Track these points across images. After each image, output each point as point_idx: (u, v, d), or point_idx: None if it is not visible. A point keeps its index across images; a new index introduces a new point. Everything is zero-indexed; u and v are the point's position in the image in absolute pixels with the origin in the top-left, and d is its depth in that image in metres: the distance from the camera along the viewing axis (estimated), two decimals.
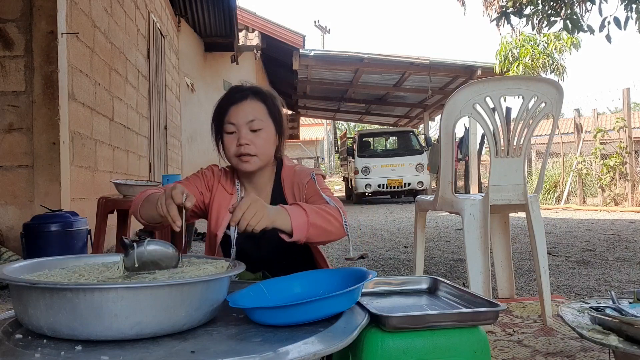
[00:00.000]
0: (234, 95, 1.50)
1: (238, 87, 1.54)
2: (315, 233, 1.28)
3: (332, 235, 1.34)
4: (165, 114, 7.19)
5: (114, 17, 4.94)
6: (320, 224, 1.29)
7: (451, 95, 2.22)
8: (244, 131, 1.46)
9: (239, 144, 1.46)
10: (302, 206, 1.29)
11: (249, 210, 1.14)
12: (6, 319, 0.98)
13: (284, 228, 1.24)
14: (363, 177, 12.82)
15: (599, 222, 6.86)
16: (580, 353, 1.82)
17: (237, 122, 1.46)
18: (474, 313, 1.04)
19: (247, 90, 1.51)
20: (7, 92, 3.51)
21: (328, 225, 1.31)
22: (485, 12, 6.38)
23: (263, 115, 1.49)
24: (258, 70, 12.71)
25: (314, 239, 1.30)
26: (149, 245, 1.03)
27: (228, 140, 1.48)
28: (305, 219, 1.25)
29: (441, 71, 12.64)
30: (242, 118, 1.46)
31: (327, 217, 1.31)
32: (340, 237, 1.37)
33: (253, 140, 1.46)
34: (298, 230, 1.25)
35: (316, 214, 1.29)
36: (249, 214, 1.14)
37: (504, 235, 2.72)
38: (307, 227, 1.26)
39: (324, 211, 1.31)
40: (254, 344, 0.85)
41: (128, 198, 3.33)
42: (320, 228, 1.29)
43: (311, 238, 1.29)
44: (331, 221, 1.32)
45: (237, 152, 1.47)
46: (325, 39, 35.96)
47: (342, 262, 4.06)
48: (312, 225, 1.27)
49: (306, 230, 1.26)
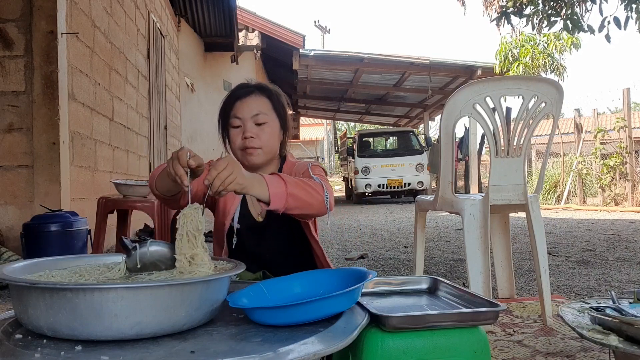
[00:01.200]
0: (240, 90, 1.56)
1: (244, 84, 1.59)
2: (295, 204, 1.28)
3: (313, 209, 1.33)
4: (165, 114, 7.19)
5: (114, 17, 4.94)
6: (299, 195, 1.28)
7: (451, 95, 2.22)
8: (249, 125, 1.50)
9: (244, 137, 1.50)
10: (282, 177, 1.28)
11: (225, 170, 1.13)
12: (6, 319, 0.98)
13: (262, 196, 1.23)
14: (363, 177, 12.82)
15: (599, 222, 6.86)
16: (580, 353, 1.82)
17: (242, 116, 1.51)
18: (474, 313, 1.04)
19: (253, 87, 1.57)
20: (7, 92, 3.51)
21: (308, 197, 1.30)
22: (486, 12, 6.39)
23: (268, 109, 1.54)
24: (258, 70, 12.71)
25: (293, 210, 1.29)
26: (151, 246, 1.03)
27: (234, 133, 1.53)
28: (284, 189, 1.25)
29: (441, 71, 12.64)
30: (248, 112, 1.51)
31: (308, 190, 1.31)
32: (321, 211, 1.36)
33: (258, 134, 1.50)
34: (276, 198, 1.24)
35: (296, 185, 1.29)
36: (224, 174, 1.13)
37: (504, 235, 2.72)
38: (286, 197, 1.25)
39: (304, 183, 1.31)
40: (254, 344, 0.85)
41: (128, 198, 3.33)
42: (299, 199, 1.28)
43: (290, 209, 1.28)
44: (312, 194, 1.31)
45: (242, 145, 1.51)
46: (325, 39, 35.97)
47: (342, 262, 4.06)
48: (291, 195, 1.26)
49: (285, 199, 1.25)
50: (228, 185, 1.14)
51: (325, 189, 1.35)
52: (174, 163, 1.17)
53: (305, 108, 19.74)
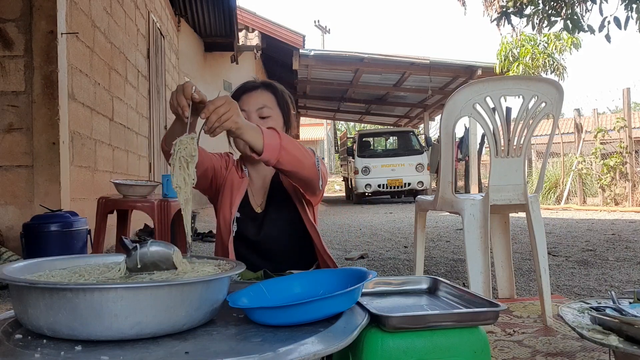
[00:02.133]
0: (247, 85, 1.63)
1: (251, 80, 1.66)
2: (287, 159, 1.29)
3: (305, 169, 1.36)
4: (165, 114, 7.19)
5: (114, 17, 4.94)
6: (293, 151, 1.30)
7: (451, 95, 2.22)
8: (254, 117, 1.55)
9: None
10: (277, 130, 1.30)
11: (222, 106, 1.14)
12: (6, 319, 0.98)
13: (255, 143, 1.24)
14: (363, 177, 12.82)
15: (599, 222, 6.86)
16: (581, 353, 1.82)
17: (247, 109, 1.56)
18: (474, 313, 1.04)
19: (259, 83, 1.64)
20: (7, 92, 3.51)
21: (301, 156, 1.33)
22: (486, 12, 6.38)
23: (272, 104, 1.60)
24: (258, 70, 12.71)
25: (285, 165, 1.30)
26: (152, 246, 1.03)
27: None
28: (278, 141, 1.27)
29: (441, 71, 12.64)
30: (253, 105, 1.57)
31: (301, 150, 1.34)
32: (312, 174, 1.39)
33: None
34: (269, 149, 1.25)
35: (290, 141, 1.31)
36: (221, 110, 1.14)
37: (504, 235, 2.72)
38: (279, 150, 1.26)
39: (298, 144, 1.35)
40: (254, 344, 0.85)
41: (128, 198, 3.33)
42: (292, 155, 1.30)
43: (282, 163, 1.29)
44: (304, 154, 1.35)
45: None
46: (325, 39, 35.96)
47: (342, 262, 4.06)
48: (284, 149, 1.27)
49: (278, 152, 1.26)
50: (224, 122, 1.15)
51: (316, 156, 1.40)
52: (177, 94, 1.18)
53: (305, 108, 19.74)
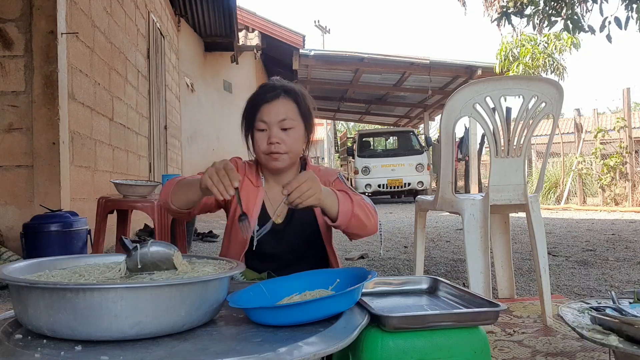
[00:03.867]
0: (267, 94, 1.50)
1: (270, 86, 1.53)
2: (356, 224, 1.32)
3: (367, 230, 1.38)
4: (165, 114, 7.19)
5: (114, 17, 4.94)
6: (361, 216, 1.33)
7: (451, 95, 2.22)
8: (275, 130, 1.47)
9: (269, 142, 1.47)
10: (350, 195, 1.33)
11: (305, 183, 1.17)
12: (6, 319, 0.98)
13: (331, 211, 1.27)
14: (363, 177, 12.82)
15: (599, 222, 6.86)
16: (581, 353, 1.82)
17: (268, 121, 1.47)
18: (474, 313, 1.04)
19: (280, 89, 1.51)
20: (7, 92, 3.51)
21: (367, 220, 1.35)
22: (486, 12, 6.38)
23: (294, 114, 1.50)
24: (258, 70, 12.71)
25: (351, 229, 1.34)
26: (152, 246, 1.02)
27: (259, 137, 1.50)
28: (350, 207, 1.29)
29: (441, 71, 12.64)
30: (274, 117, 1.47)
31: (367, 212, 1.35)
32: (372, 233, 1.40)
33: (283, 139, 1.48)
34: (343, 216, 1.29)
35: (359, 206, 1.33)
36: (304, 187, 1.17)
37: (504, 235, 2.72)
38: (351, 216, 1.30)
39: (365, 205, 1.36)
40: (254, 344, 0.85)
41: (128, 198, 3.33)
42: (360, 220, 1.33)
43: (350, 228, 1.33)
44: (369, 216, 1.36)
45: (267, 150, 1.48)
46: (325, 39, 35.98)
47: (342, 262, 4.06)
48: (355, 216, 1.31)
49: (349, 218, 1.30)
50: (306, 199, 1.18)
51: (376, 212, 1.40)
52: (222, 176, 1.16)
53: None
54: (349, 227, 1.32)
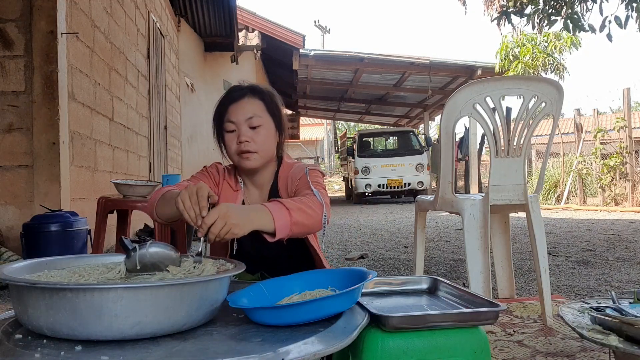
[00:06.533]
0: (233, 94, 1.52)
1: (236, 87, 1.56)
2: (298, 231, 1.28)
3: (311, 231, 1.35)
4: (165, 114, 7.19)
5: (114, 17, 4.94)
6: (302, 220, 1.28)
7: (451, 95, 2.22)
8: (244, 128, 1.47)
9: (239, 142, 1.47)
10: (284, 203, 1.26)
11: (217, 221, 1.12)
12: (6, 319, 0.98)
13: (266, 228, 1.22)
14: (363, 177, 12.82)
15: (599, 222, 6.86)
16: (581, 353, 1.82)
17: (236, 120, 1.48)
18: (474, 313, 1.04)
19: (245, 89, 1.53)
20: (7, 92, 3.51)
21: (309, 222, 1.30)
22: (486, 12, 6.39)
23: (261, 112, 1.50)
24: (258, 70, 12.71)
25: (296, 235, 1.30)
26: (151, 247, 1.02)
27: (229, 138, 1.50)
28: (288, 219, 1.24)
29: (441, 71, 12.64)
30: (241, 115, 1.48)
31: (308, 213, 1.30)
32: (318, 230, 1.36)
33: (253, 137, 1.47)
34: (281, 230, 1.23)
35: (298, 210, 1.27)
36: (219, 225, 1.12)
37: (504, 235, 2.72)
38: (290, 226, 1.25)
39: (306, 206, 1.30)
40: (254, 344, 0.85)
41: (128, 198, 3.33)
42: (302, 225, 1.28)
43: (294, 234, 1.28)
44: (312, 216, 1.30)
45: (237, 150, 1.48)
46: (325, 39, 35.99)
47: (342, 262, 4.06)
48: (295, 224, 1.25)
49: (289, 229, 1.25)
50: (225, 235, 1.14)
51: (324, 206, 1.34)
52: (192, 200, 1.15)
53: (305, 108, 19.74)
54: (292, 235, 1.28)
